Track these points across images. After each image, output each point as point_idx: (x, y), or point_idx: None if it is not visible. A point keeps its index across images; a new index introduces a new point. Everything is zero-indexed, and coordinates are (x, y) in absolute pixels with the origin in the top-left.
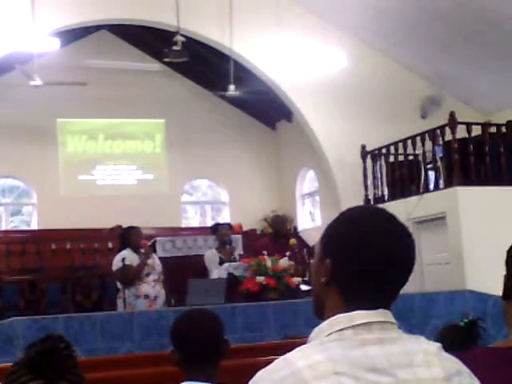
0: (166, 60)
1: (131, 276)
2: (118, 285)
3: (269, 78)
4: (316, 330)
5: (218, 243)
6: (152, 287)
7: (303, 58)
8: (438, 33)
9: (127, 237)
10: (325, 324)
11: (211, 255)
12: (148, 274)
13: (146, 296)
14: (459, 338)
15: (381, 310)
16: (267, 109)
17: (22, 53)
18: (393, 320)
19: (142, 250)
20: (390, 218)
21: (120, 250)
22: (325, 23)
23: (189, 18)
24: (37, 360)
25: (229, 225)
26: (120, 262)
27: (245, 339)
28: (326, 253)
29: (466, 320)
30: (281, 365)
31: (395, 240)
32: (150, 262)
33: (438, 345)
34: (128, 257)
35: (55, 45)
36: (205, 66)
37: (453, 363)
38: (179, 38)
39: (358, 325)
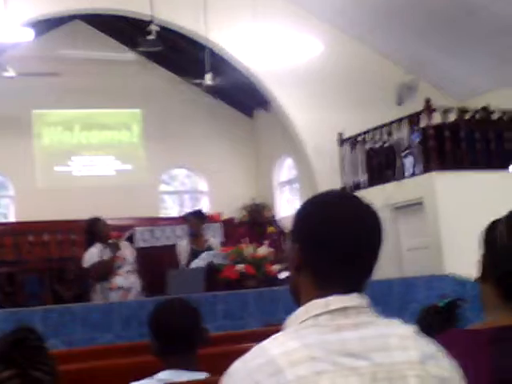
0: (141, 49)
1: (105, 271)
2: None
3: (245, 67)
4: (292, 316)
5: (189, 233)
6: (125, 278)
7: (279, 46)
8: (414, 20)
9: (96, 229)
10: (300, 310)
11: (181, 246)
12: (119, 267)
13: (120, 288)
14: (438, 319)
15: (355, 294)
16: (244, 97)
17: None
18: (368, 304)
19: (110, 241)
20: (357, 202)
21: (88, 244)
22: (301, 10)
23: (163, 7)
24: (7, 350)
25: (197, 213)
26: (94, 258)
27: (225, 327)
28: (295, 238)
29: (445, 301)
30: (256, 353)
31: (362, 223)
32: (119, 253)
33: (414, 328)
34: (98, 253)
35: (28, 35)
36: (180, 55)
37: (428, 346)
38: (153, 27)
39: (333, 310)
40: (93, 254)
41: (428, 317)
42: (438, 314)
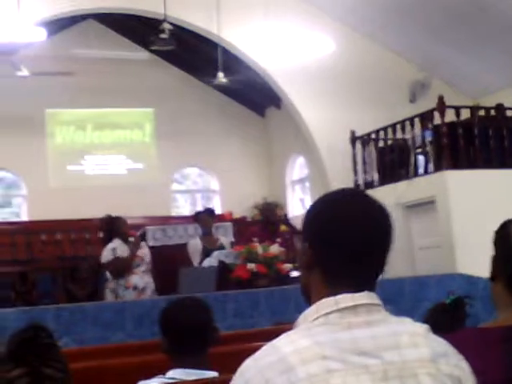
0: (153, 48)
1: (123, 268)
2: (107, 275)
3: (257, 65)
4: (302, 315)
5: (201, 231)
6: (141, 278)
7: (292, 44)
8: (426, 17)
9: (115, 226)
10: (311, 309)
11: (193, 244)
12: (138, 265)
13: (135, 287)
14: (446, 316)
15: (365, 293)
16: (256, 96)
17: (8, 43)
18: (378, 302)
19: (131, 239)
20: (367, 200)
21: (107, 241)
22: (313, 8)
23: (176, 6)
24: (18, 348)
25: (209, 211)
26: (111, 254)
27: (236, 326)
28: (306, 237)
29: (452, 297)
30: (267, 351)
31: (372, 221)
32: (139, 253)
33: (425, 326)
34: (119, 247)
35: (42, 35)
36: (193, 54)
37: (439, 344)
38: (166, 26)
39: (343, 308)
40: (111, 250)
41: (435, 314)
42: (445, 312)
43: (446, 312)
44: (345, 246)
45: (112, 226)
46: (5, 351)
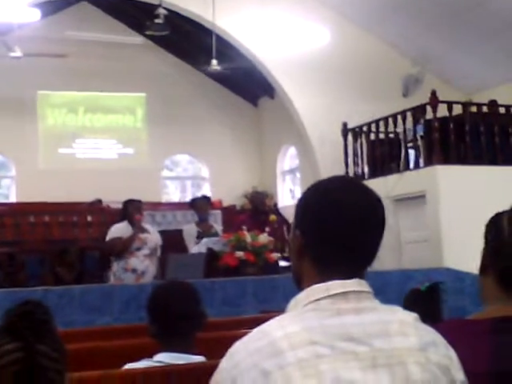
0: (148, 33)
1: (118, 248)
2: (111, 257)
3: (251, 54)
4: (293, 300)
5: (197, 217)
6: (141, 262)
7: (286, 34)
8: (423, 11)
9: (127, 209)
10: (302, 294)
11: (189, 230)
12: (138, 249)
13: (134, 270)
14: (421, 301)
15: (356, 280)
16: (249, 85)
17: (2, 23)
18: (369, 289)
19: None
20: (361, 189)
21: (118, 222)
22: None
23: None
24: (15, 322)
25: (205, 198)
26: (117, 233)
27: (223, 314)
28: (298, 224)
29: (426, 284)
30: (257, 335)
31: (365, 210)
32: (142, 236)
33: (414, 315)
34: (122, 229)
35: (36, 16)
36: (187, 40)
37: (428, 333)
38: (161, 11)
39: (334, 295)
40: (117, 229)
41: (411, 298)
42: (420, 296)
43: (421, 297)
44: (337, 233)
45: (125, 209)
46: (1, 325)
